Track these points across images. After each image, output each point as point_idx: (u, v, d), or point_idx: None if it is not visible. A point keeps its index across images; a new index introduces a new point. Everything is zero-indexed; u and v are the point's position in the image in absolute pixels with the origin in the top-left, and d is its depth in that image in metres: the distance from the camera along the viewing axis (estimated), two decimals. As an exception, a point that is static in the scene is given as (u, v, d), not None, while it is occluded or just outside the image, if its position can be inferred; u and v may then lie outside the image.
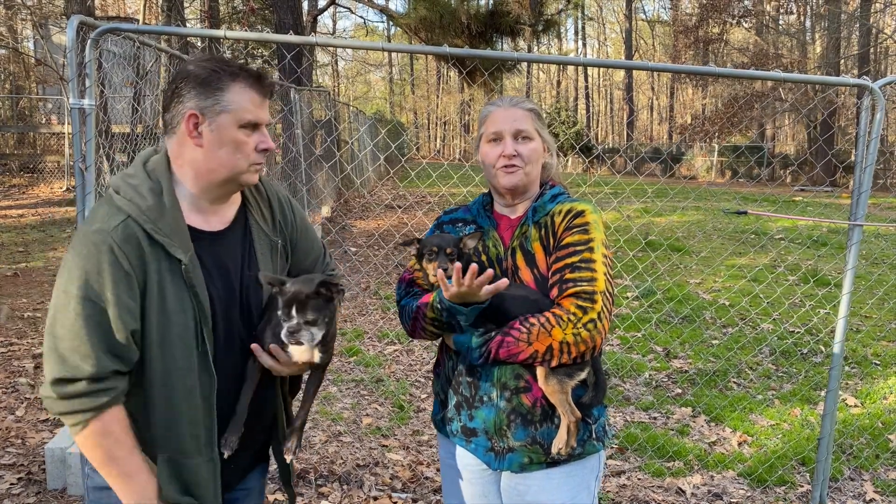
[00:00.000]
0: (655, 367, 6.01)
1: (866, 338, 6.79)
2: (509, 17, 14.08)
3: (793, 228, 13.09)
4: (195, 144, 1.73)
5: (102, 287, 1.63)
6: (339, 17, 50.38)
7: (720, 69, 3.59)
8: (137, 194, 1.70)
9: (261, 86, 1.77)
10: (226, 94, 1.72)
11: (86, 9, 10.56)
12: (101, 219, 1.69)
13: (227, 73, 1.73)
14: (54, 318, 1.65)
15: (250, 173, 1.80)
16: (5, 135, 20.51)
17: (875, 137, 3.44)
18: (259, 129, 1.78)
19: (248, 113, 1.74)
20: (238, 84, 1.73)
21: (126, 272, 1.65)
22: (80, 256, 1.65)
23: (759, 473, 4.17)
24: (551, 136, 2.22)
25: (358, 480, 4.02)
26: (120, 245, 1.65)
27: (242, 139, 1.75)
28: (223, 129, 1.72)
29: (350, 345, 6.40)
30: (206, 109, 1.71)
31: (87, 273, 1.63)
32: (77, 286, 1.63)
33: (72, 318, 1.62)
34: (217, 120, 1.72)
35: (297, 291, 1.76)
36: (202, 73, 1.72)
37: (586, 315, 1.92)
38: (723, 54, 32.99)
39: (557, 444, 2.00)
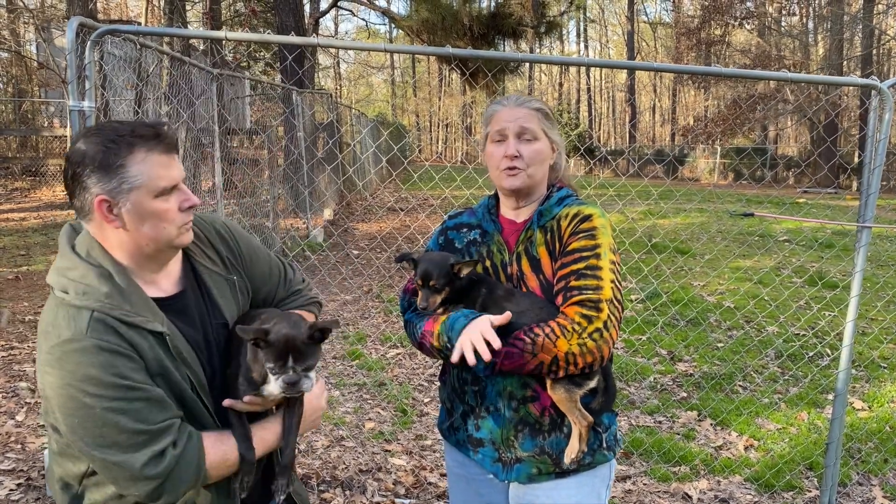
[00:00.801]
0: (660, 370, 5.96)
1: (874, 341, 6.74)
2: (511, 18, 14.07)
3: (797, 231, 13.04)
4: (115, 227, 1.61)
5: (116, 375, 1.53)
6: (342, 20, 50.50)
7: (727, 70, 3.55)
8: (88, 286, 1.58)
9: (162, 144, 1.62)
10: (129, 170, 1.57)
11: (87, 12, 10.56)
12: (65, 327, 1.55)
13: (123, 145, 1.57)
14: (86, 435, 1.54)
15: (182, 235, 1.69)
16: (8, 138, 20.52)
17: (884, 138, 3.39)
18: (176, 188, 1.65)
19: (159, 181, 1.61)
20: (137, 154, 1.58)
21: (129, 355, 1.56)
22: (71, 372, 1.52)
23: (766, 478, 4.12)
24: (560, 137, 2.14)
25: (361, 486, 3.98)
26: (104, 339, 1.53)
27: (163, 207, 1.62)
28: (139, 206, 1.60)
29: (352, 348, 6.36)
30: (114, 191, 1.57)
31: (90, 376, 1.52)
32: (88, 388, 1.51)
33: (105, 415, 1.52)
34: (129, 198, 1.58)
35: (287, 339, 1.64)
36: (97, 154, 1.57)
37: (591, 325, 1.84)
38: (725, 56, 32.97)
39: (570, 453, 1.96)
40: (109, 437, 1.53)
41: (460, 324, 1.90)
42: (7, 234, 11.99)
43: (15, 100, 22.61)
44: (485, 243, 2.12)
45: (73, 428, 1.54)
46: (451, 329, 1.91)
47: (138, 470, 1.54)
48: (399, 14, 16.84)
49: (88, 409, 1.52)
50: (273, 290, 2.00)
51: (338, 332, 6.89)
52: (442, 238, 2.20)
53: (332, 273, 9.11)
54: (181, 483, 1.59)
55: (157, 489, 1.57)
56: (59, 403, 1.54)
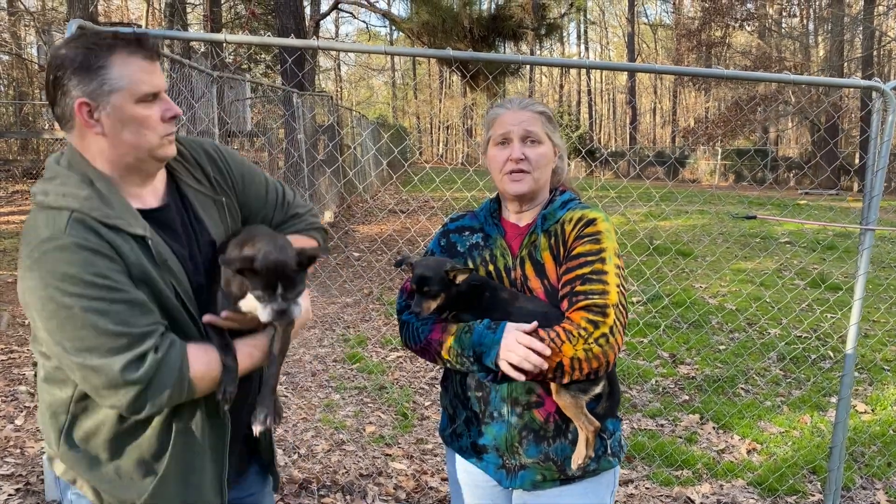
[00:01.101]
0: (662, 373, 5.94)
1: (877, 343, 6.71)
2: (512, 21, 14.06)
3: (800, 233, 13.02)
4: (95, 133, 1.58)
5: (96, 275, 1.49)
6: (342, 22, 50.55)
7: (727, 71, 3.53)
8: (67, 190, 1.55)
9: (144, 50, 1.59)
10: (110, 71, 1.54)
11: (88, 14, 10.56)
12: (43, 227, 1.52)
13: (103, 47, 1.55)
14: (65, 338, 1.49)
15: (165, 146, 1.64)
16: (9, 140, 20.53)
17: (887, 140, 3.37)
18: (159, 97, 1.61)
19: (141, 84, 1.57)
20: (118, 56, 1.55)
21: (109, 256, 1.52)
22: (50, 272, 1.48)
23: (769, 482, 4.09)
24: (562, 140, 2.12)
25: (361, 490, 3.95)
26: (84, 238, 1.50)
27: (144, 114, 1.58)
28: (120, 110, 1.56)
29: (353, 351, 6.34)
30: (95, 94, 1.54)
31: (69, 275, 1.47)
32: (67, 287, 1.46)
33: (85, 315, 1.47)
34: (110, 101, 1.55)
35: (275, 267, 1.56)
36: (78, 56, 1.54)
37: (598, 330, 1.82)
38: (725, 57, 32.96)
39: (576, 459, 1.93)
40: (89, 339, 1.48)
41: (489, 338, 1.85)
42: (7, 236, 11.97)
43: (16, 102, 22.63)
44: (487, 247, 2.09)
45: (52, 333, 1.50)
46: (479, 345, 1.86)
47: (118, 374, 1.48)
48: (399, 16, 16.83)
49: (67, 309, 1.47)
50: (270, 213, 1.94)
51: (338, 336, 6.88)
52: (444, 240, 2.17)
53: (333, 276, 9.09)
54: (163, 389, 1.53)
55: (139, 396, 1.51)
56: (39, 308, 1.49)
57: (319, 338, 6.81)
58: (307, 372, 5.85)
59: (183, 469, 1.69)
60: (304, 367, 5.95)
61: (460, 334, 1.91)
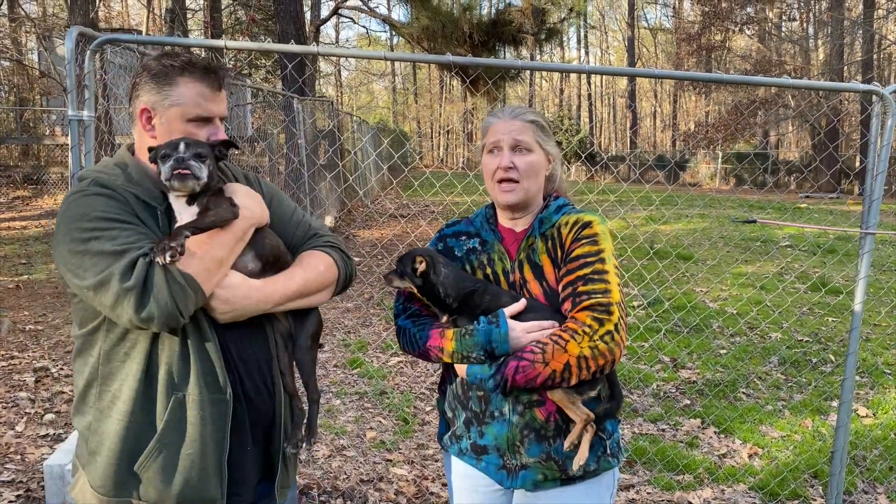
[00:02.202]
0: (663, 377, 5.93)
1: (878, 347, 6.70)
2: (511, 26, 14.09)
3: (800, 236, 13.01)
4: (150, 136, 1.80)
5: (108, 211, 1.66)
6: (342, 28, 50.65)
7: (728, 76, 3.53)
8: (99, 167, 1.80)
9: (209, 79, 1.80)
10: (174, 90, 1.77)
11: (88, 21, 10.59)
12: (72, 189, 1.75)
13: (177, 67, 1.78)
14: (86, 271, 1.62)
15: None
16: (10, 146, 20.55)
17: (887, 144, 3.37)
18: (211, 122, 1.82)
19: (195, 108, 1.78)
20: (186, 78, 1.78)
21: (125, 201, 1.70)
22: (70, 216, 1.66)
23: (770, 487, 4.08)
24: (556, 148, 2.16)
25: (362, 496, 3.95)
26: (102, 189, 1.70)
27: (192, 132, 1.78)
28: (172, 123, 1.78)
29: (353, 357, 6.34)
30: (157, 104, 1.78)
31: (85, 214, 1.65)
32: (83, 223, 1.64)
33: (98, 244, 1.62)
34: (167, 114, 1.78)
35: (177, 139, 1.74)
36: (155, 69, 1.78)
37: (603, 327, 1.85)
38: (725, 61, 33.00)
39: (578, 460, 1.95)
40: (102, 263, 1.61)
41: (496, 333, 1.90)
42: (8, 242, 11.98)
43: (17, 108, 22.67)
44: (485, 251, 2.13)
45: (76, 273, 1.64)
46: (488, 342, 1.90)
47: (118, 283, 1.59)
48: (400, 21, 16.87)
49: (81, 243, 1.63)
50: (292, 231, 2.04)
51: (338, 341, 6.87)
52: (441, 245, 2.21)
53: (334, 281, 9.08)
54: (161, 289, 1.60)
55: (140, 300, 1.59)
56: (62, 256, 1.66)
57: (320, 343, 6.80)
58: (308, 377, 5.84)
59: (178, 438, 1.74)
60: (305, 373, 5.94)
61: (459, 338, 1.95)
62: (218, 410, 1.76)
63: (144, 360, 1.72)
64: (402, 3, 15.36)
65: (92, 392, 1.78)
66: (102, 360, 1.75)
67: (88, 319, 1.76)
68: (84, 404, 1.81)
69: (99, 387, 1.77)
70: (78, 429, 1.84)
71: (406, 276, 2.05)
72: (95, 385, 1.77)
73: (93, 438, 1.79)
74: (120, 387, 1.74)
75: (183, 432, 1.74)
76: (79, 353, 1.81)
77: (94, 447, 1.78)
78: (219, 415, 1.76)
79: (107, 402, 1.76)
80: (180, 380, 1.73)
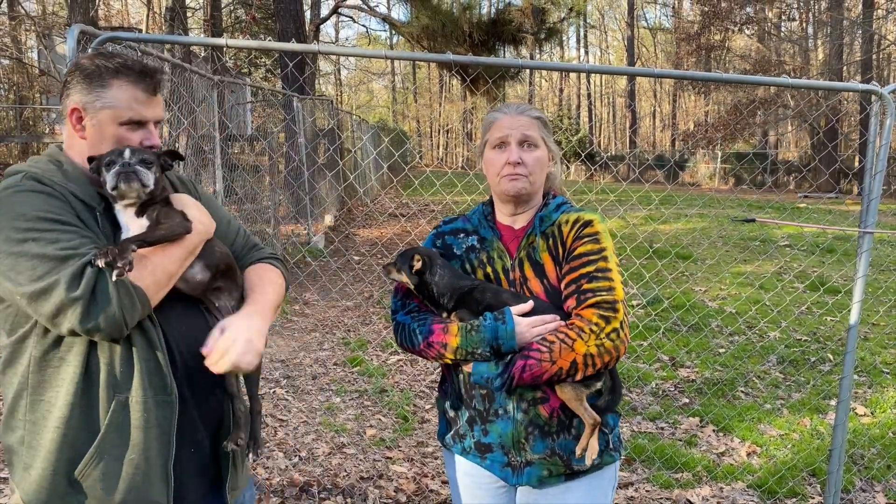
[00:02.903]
0: (662, 376, 5.95)
1: (876, 346, 6.72)
2: (511, 25, 14.10)
3: (799, 236, 13.03)
4: (80, 137, 1.75)
5: (48, 211, 1.58)
6: (342, 27, 50.61)
7: (727, 75, 3.55)
8: (31, 162, 1.72)
9: (145, 82, 1.75)
10: (107, 91, 1.72)
11: (88, 19, 10.58)
12: (6, 183, 1.65)
13: (111, 69, 1.72)
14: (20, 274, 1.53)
15: None
16: (9, 145, 20.55)
17: (885, 144, 3.39)
18: (145, 126, 1.77)
19: (128, 111, 1.73)
20: (119, 81, 1.72)
21: (64, 200, 1.62)
22: (4, 214, 1.57)
23: (769, 485, 4.10)
24: (556, 146, 2.17)
25: (362, 493, 3.96)
26: (39, 186, 1.62)
27: (124, 135, 1.74)
28: (103, 126, 1.73)
29: (353, 355, 6.35)
30: (88, 104, 1.72)
31: (22, 213, 1.56)
32: (20, 223, 1.55)
33: (35, 245, 1.53)
34: (98, 116, 1.72)
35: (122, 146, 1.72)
36: (89, 68, 1.72)
37: (609, 325, 1.87)
38: (725, 61, 33.01)
39: (591, 455, 1.97)
40: (40, 267, 1.53)
41: (503, 330, 1.90)
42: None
43: (16, 107, 22.66)
44: (484, 249, 2.12)
45: (7, 274, 1.54)
46: (495, 339, 1.91)
47: (63, 292, 1.51)
48: (399, 20, 16.87)
49: (20, 244, 1.54)
50: (232, 239, 2.01)
51: (338, 339, 6.89)
52: (439, 242, 2.20)
53: (333, 279, 9.11)
54: (109, 299, 1.55)
55: (87, 311, 1.53)
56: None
57: (320, 341, 6.82)
58: (308, 375, 5.86)
59: (121, 443, 1.67)
60: (305, 371, 5.96)
61: (465, 334, 1.94)
62: (163, 413, 1.69)
63: (82, 363, 1.64)
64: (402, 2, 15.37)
65: (22, 403, 1.68)
66: (34, 367, 1.65)
67: (18, 325, 1.65)
68: (13, 418, 1.70)
69: (30, 397, 1.67)
70: (8, 445, 1.73)
71: (403, 271, 2.08)
72: (25, 395, 1.68)
73: (27, 453, 1.69)
74: (56, 394, 1.65)
75: (126, 436, 1.66)
76: (8, 364, 1.70)
77: (29, 461, 1.68)
78: (163, 417, 1.69)
79: (41, 413, 1.67)
80: (122, 381, 1.66)
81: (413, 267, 2.04)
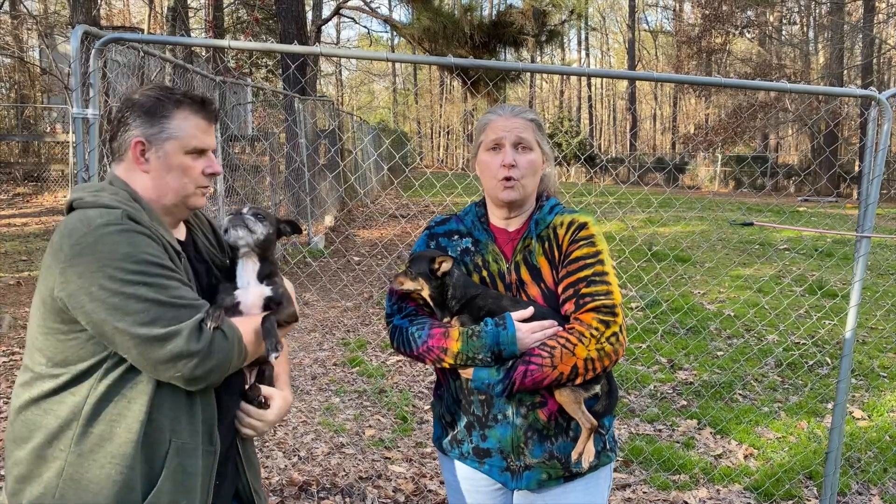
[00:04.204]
0: (660, 378, 5.97)
1: (873, 350, 6.74)
2: (512, 27, 14.13)
3: (797, 239, 13.05)
4: (142, 171, 1.76)
5: (152, 254, 1.63)
6: (343, 28, 50.70)
7: (725, 79, 3.57)
8: (121, 198, 1.71)
9: (205, 112, 1.81)
10: (171, 122, 1.75)
11: (91, 19, 10.61)
12: (97, 217, 1.62)
13: (172, 100, 1.76)
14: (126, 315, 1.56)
15: (197, 196, 1.83)
16: (10, 143, 20.57)
17: (883, 149, 3.41)
18: (205, 154, 1.82)
19: (193, 139, 1.77)
20: (182, 111, 1.77)
21: (162, 244, 1.68)
22: (108, 252, 1.58)
23: (765, 487, 4.12)
24: (550, 148, 2.16)
25: (360, 493, 3.98)
26: (139, 227, 1.64)
27: (189, 164, 1.78)
28: (170, 156, 1.76)
29: (353, 355, 6.37)
30: (153, 137, 1.74)
31: (129, 254, 1.59)
32: (127, 264, 1.58)
33: (146, 290, 1.58)
34: (163, 147, 1.75)
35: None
36: (147, 102, 1.75)
37: (609, 329, 1.89)
38: (726, 64, 33.04)
39: (588, 458, 1.99)
40: (152, 311, 1.58)
41: (504, 336, 1.90)
42: (9, 239, 12.00)
43: (17, 105, 22.68)
44: (479, 252, 2.11)
45: (113, 310, 1.56)
46: (496, 344, 1.91)
47: (184, 343, 1.58)
48: (401, 22, 16.90)
49: (130, 285, 1.57)
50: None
51: (338, 339, 6.91)
52: (433, 243, 2.18)
53: (334, 280, 9.13)
54: (224, 354, 1.65)
55: (200, 364, 1.61)
56: (93, 292, 1.56)
57: (319, 341, 6.84)
58: (307, 375, 5.88)
59: (175, 489, 1.69)
60: (305, 371, 5.98)
61: (466, 339, 1.94)
62: (207, 462, 1.75)
63: (148, 403, 1.65)
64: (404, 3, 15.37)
65: (69, 434, 1.63)
66: (92, 400, 1.63)
67: (80, 358, 1.64)
68: (53, 448, 1.64)
69: (81, 427, 1.63)
70: (43, 477, 1.65)
71: (422, 276, 2.03)
72: (75, 426, 1.63)
73: (65, 485, 1.63)
74: (110, 429, 1.63)
75: (179, 482, 1.69)
76: (52, 392, 1.66)
77: (75, 495, 1.63)
78: (207, 466, 1.75)
79: (90, 445, 1.63)
80: (182, 428, 1.70)
81: (437, 270, 2.01)
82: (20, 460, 1.68)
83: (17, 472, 1.68)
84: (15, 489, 1.68)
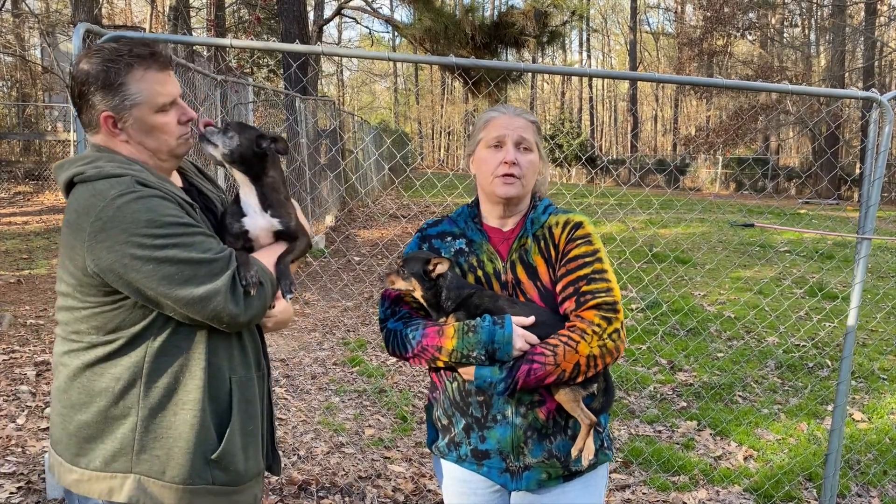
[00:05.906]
0: (660, 379, 5.97)
1: (873, 352, 6.74)
2: (514, 28, 14.12)
3: (798, 241, 13.05)
4: (121, 141, 1.77)
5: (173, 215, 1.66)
6: (345, 28, 50.70)
7: (727, 81, 3.57)
8: (120, 163, 1.72)
9: (157, 63, 1.77)
10: (129, 87, 1.72)
11: (92, 17, 10.61)
12: (109, 188, 1.64)
13: (122, 64, 1.72)
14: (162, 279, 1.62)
15: (182, 145, 1.84)
16: (11, 142, 20.58)
17: (884, 151, 3.41)
18: (175, 103, 1.81)
19: (158, 97, 1.76)
20: (135, 72, 1.73)
21: (178, 202, 1.71)
22: (132, 221, 1.61)
23: (765, 489, 4.12)
24: (546, 151, 2.17)
25: (360, 492, 3.98)
26: (153, 191, 1.67)
27: (162, 121, 1.78)
28: (141, 121, 1.75)
29: (353, 355, 6.37)
30: (118, 108, 1.73)
31: (152, 220, 1.62)
32: (153, 230, 1.62)
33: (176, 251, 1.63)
34: (132, 114, 1.74)
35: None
36: (99, 73, 1.71)
37: (611, 326, 1.90)
38: (727, 67, 33.01)
39: (588, 455, 1.99)
40: (187, 271, 1.64)
41: (500, 335, 1.90)
42: (10, 237, 12.00)
43: (19, 104, 22.69)
44: (473, 252, 2.10)
45: (149, 277, 1.61)
46: (490, 342, 1.90)
47: (223, 301, 1.66)
48: (402, 22, 16.91)
49: (160, 249, 1.61)
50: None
51: (338, 339, 6.91)
52: (426, 245, 2.16)
53: (334, 279, 9.13)
54: (263, 302, 1.76)
55: (245, 314, 1.70)
56: (126, 264, 1.61)
57: (319, 341, 6.84)
58: (307, 375, 5.88)
59: (243, 419, 1.85)
60: (304, 370, 5.98)
61: (462, 335, 1.92)
62: (261, 386, 1.92)
63: (206, 352, 1.76)
64: (405, 4, 15.38)
65: (134, 392, 1.72)
66: (150, 357, 1.72)
67: (133, 322, 1.70)
68: (119, 406, 1.72)
69: (144, 384, 1.72)
70: (116, 434, 1.74)
71: (415, 277, 2.01)
72: (139, 384, 1.72)
73: (144, 438, 1.73)
74: (174, 380, 1.73)
75: (245, 411, 1.84)
76: (107, 357, 1.72)
77: (153, 444, 1.73)
78: (262, 389, 1.92)
79: (158, 397, 1.73)
80: (236, 364, 1.83)
81: (432, 271, 1.99)
82: (86, 423, 1.74)
83: (83, 435, 1.74)
84: (81, 451, 1.75)
